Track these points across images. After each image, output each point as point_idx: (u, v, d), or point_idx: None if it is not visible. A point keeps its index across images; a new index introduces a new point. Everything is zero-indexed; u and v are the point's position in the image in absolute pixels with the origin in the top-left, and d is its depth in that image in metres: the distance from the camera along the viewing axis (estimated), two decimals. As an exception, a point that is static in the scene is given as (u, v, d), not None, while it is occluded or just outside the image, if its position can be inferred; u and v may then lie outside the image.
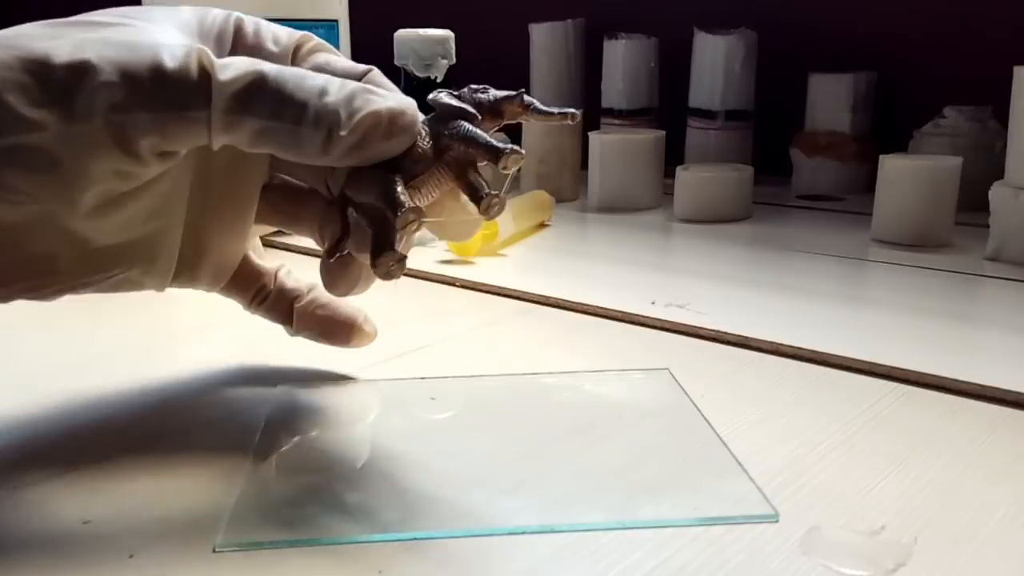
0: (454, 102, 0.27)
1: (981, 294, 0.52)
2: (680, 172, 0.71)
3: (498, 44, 1.01)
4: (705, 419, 0.32)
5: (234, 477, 0.28)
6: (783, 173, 0.86)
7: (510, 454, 0.30)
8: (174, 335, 0.43)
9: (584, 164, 0.78)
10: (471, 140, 0.26)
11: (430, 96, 0.27)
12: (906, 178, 0.61)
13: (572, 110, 0.28)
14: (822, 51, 0.87)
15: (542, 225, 0.69)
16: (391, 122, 0.26)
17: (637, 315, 0.46)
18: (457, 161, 0.27)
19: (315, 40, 0.30)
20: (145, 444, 0.31)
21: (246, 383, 0.37)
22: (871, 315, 0.47)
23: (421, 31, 0.61)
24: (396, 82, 0.63)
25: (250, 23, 0.30)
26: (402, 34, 0.61)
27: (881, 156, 0.63)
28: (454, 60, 0.62)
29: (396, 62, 0.62)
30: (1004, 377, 0.36)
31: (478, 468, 0.29)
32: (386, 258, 0.26)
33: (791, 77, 0.86)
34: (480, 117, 0.27)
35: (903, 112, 0.82)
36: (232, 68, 0.25)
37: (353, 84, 0.26)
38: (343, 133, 0.25)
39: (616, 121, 0.93)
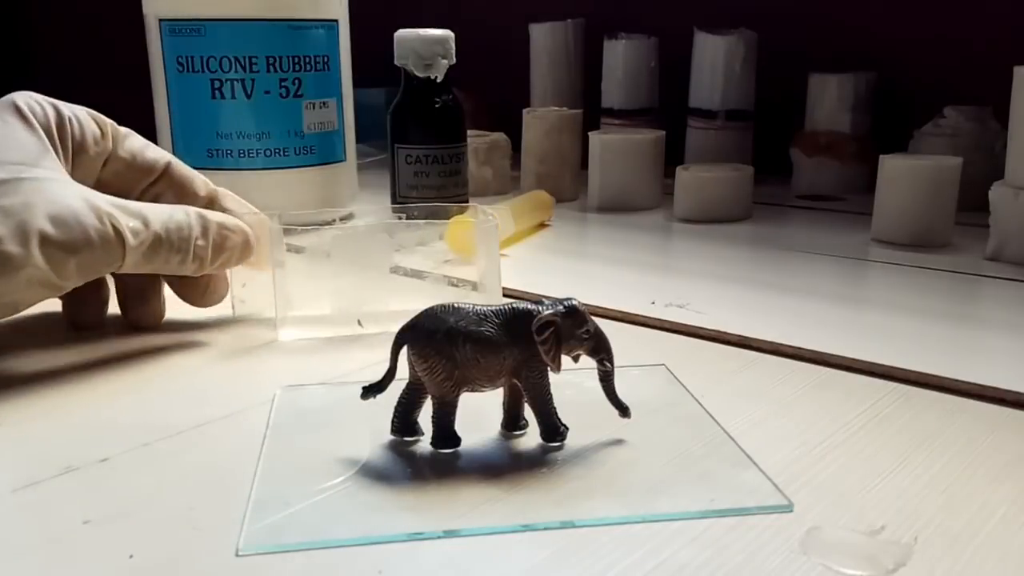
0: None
1: (981, 294, 0.52)
2: (680, 172, 0.71)
3: (498, 44, 1.01)
4: (708, 412, 0.32)
5: (233, 477, 0.28)
6: (783, 173, 0.86)
7: (516, 451, 0.30)
8: (174, 335, 0.43)
9: (584, 164, 0.78)
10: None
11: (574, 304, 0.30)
12: (906, 178, 0.61)
13: (629, 410, 0.31)
14: (822, 51, 0.87)
15: (542, 225, 0.69)
16: (243, 254, 0.42)
17: (637, 315, 0.46)
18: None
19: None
20: (145, 444, 0.31)
21: (246, 383, 0.37)
22: (871, 315, 0.47)
23: (421, 31, 0.61)
24: (396, 82, 0.63)
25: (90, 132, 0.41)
26: (402, 34, 0.61)
27: (881, 156, 0.63)
28: (454, 60, 0.62)
29: (396, 62, 0.62)
30: (1004, 377, 0.36)
31: (482, 466, 0.29)
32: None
33: (791, 77, 0.86)
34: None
35: (903, 112, 0.82)
36: (137, 232, 0.37)
37: (212, 226, 0.40)
38: (211, 267, 0.41)
39: (616, 121, 0.92)
